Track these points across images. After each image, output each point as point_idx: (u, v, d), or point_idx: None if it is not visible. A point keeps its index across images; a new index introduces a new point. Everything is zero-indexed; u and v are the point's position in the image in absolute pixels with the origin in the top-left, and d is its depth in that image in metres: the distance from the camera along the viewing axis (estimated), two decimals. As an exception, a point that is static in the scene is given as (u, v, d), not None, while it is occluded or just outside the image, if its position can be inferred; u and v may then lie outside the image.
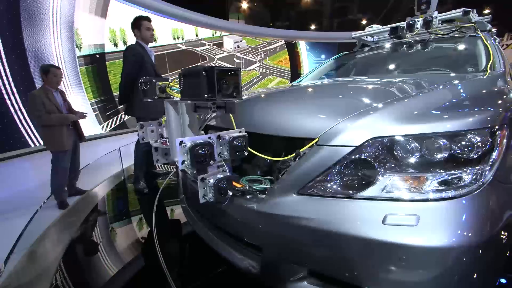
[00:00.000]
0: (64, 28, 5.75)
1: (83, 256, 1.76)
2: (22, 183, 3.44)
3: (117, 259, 1.65)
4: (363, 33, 2.69)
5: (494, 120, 0.79)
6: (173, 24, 8.95)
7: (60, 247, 1.77)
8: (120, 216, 2.38)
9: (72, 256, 1.71)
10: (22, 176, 3.89)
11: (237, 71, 0.74)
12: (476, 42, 1.79)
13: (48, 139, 2.49)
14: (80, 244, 1.88)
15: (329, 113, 0.97)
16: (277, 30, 12.62)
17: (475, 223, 0.68)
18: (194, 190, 1.26)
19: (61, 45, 5.67)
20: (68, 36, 5.86)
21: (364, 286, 0.76)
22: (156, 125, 1.29)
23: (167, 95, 1.13)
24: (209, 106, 0.88)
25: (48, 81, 2.51)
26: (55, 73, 2.53)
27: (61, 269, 1.54)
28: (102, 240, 1.93)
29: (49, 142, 2.48)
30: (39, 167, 3.88)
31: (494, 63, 1.53)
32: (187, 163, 0.82)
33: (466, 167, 0.73)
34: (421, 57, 2.04)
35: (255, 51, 11.86)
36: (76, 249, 1.81)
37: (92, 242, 1.92)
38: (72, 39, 5.95)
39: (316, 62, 12.83)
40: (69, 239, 1.87)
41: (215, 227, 1.20)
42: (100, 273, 1.56)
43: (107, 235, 2.00)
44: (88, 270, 1.61)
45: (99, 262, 1.64)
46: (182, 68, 0.84)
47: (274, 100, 1.31)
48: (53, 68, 2.54)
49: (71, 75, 6.01)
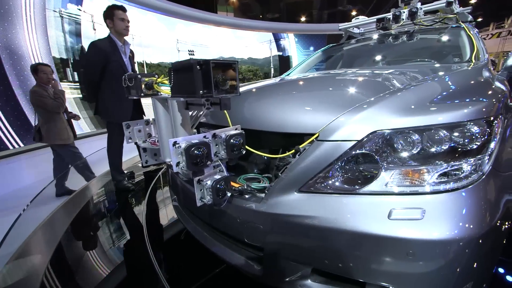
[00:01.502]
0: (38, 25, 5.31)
1: (70, 259, 1.68)
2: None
3: (107, 262, 1.58)
4: (350, 25, 2.69)
5: (491, 110, 0.80)
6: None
7: (48, 250, 1.68)
8: (108, 217, 2.29)
9: (59, 260, 1.62)
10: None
11: (234, 64, 0.69)
12: (460, 33, 1.83)
13: (53, 133, 2.75)
14: (67, 247, 1.79)
15: (327, 107, 0.95)
16: (265, 23, 12.43)
17: (479, 212, 0.69)
18: (187, 190, 1.21)
19: (37, 43, 5.26)
20: (43, 32, 5.43)
21: (370, 282, 0.75)
22: (143, 124, 1.21)
23: (154, 91, 1.05)
24: (203, 103, 0.82)
25: (39, 79, 2.69)
26: (44, 71, 2.70)
27: (49, 272, 1.45)
28: (90, 242, 1.84)
29: (54, 136, 2.75)
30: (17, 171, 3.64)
31: (478, 53, 1.57)
32: (182, 165, 0.76)
33: (468, 158, 0.73)
34: (408, 48, 2.07)
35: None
36: (63, 252, 1.72)
37: (80, 244, 1.83)
38: (46, 34, 5.52)
39: (304, 55, 12.78)
40: (56, 242, 1.78)
41: (211, 228, 1.15)
42: (90, 275, 1.48)
43: (96, 236, 1.92)
44: (76, 273, 1.52)
45: (88, 264, 1.57)
46: (172, 62, 0.78)
47: (269, 94, 1.26)
48: (41, 66, 2.71)
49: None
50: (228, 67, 0.68)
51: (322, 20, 15.49)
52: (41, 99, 2.63)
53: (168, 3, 8.61)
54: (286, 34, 12.58)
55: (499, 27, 13.87)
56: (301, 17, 15.31)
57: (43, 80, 2.69)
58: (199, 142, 0.77)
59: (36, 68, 2.68)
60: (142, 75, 1.04)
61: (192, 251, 1.57)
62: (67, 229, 1.95)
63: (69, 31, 5.90)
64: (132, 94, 1.10)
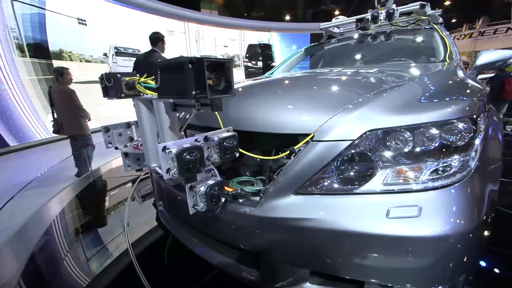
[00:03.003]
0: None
1: (46, 267, 1.53)
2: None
3: (86, 270, 1.46)
4: (330, 24, 2.73)
5: (475, 108, 0.83)
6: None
7: (22, 258, 1.54)
8: (86, 222, 2.15)
9: (34, 269, 1.49)
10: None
11: (228, 62, 0.65)
12: (433, 34, 1.93)
13: (80, 126, 3.29)
14: (44, 255, 1.64)
15: (320, 107, 0.94)
16: (249, 21, 12.31)
17: (472, 206, 0.72)
18: (174, 195, 1.14)
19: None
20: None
21: (369, 281, 0.76)
22: (124, 127, 1.12)
23: (136, 92, 0.98)
24: (193, 104, 0.77)
25: (65, 80, 3.19)
26: (67, 73, 3.21)
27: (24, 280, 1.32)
28: (68, 250, 1.71)
29: (81, 128, 3.30)
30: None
31: (451, 53, 1.66)
32: (173, 172, 0.71)
33: (458, 155, 0.76)
34: (387, 47, 2.14)
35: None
36: (39, 261, 1.58)
37: (56, 253, 1.69)
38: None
39: (288, 53, 12.82)
40: (31, 250, 1.63)
41: (204, 234, 1.10)
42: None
43: (74, 244, 1.78)
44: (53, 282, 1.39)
45: (66, 274, 1.44)
46: (159, 60, 0.71)
47: (261, 94, 1.23)
48: (65, 69, 3.23)
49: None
50: (221, 65, 0.64)
51: (306, 19, 15.70)
52: (75, 97, 3.18)
53: (151, 0, 8.23)
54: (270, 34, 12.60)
55: (471, 28, 14.90)
56: (285, 16, 15.42)
57: (69, 82, 3.23)
58: (191, 146, 0.72)
59: (62, 71, 3.19)
60: (123, 74, 0.96)
61: (180, 259, 1.50)
62: (41, 238, 1.83)
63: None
64: (110, 96, 1.01)
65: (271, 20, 12.97)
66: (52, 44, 6.00)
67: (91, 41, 6.87)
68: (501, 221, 1.65)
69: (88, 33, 6.80)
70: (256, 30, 12.21)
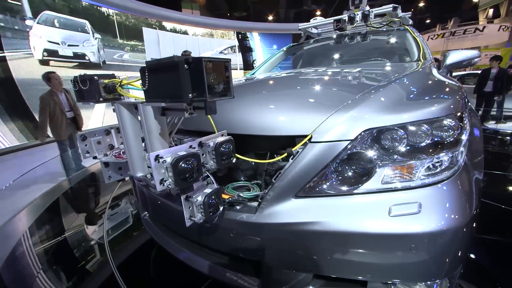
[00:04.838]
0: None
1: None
2: None
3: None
4: (309, 25, 2.77)
5: (459, 105, 0.88)
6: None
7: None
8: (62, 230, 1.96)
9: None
10: None
11: (227, 62, 0.60)
12: (406, 35, 2.03)
13: (53, 132, 3.19)
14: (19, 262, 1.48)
15: (316, 107, 0.92)
16: (231, 22, 12.17)
17: (466, 198, 0.75)
18: (162, 204, 1.06)
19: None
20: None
21: (373, 280, 0.76)
22: (102, 134, 1.02)
23: (117, 95, 0.89)
24: (185, 107, 0.71)
25: (52, 85, 3.06)
26: (56, 78, 3.07)
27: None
28: (44, 260, 1.54)
29: (54, 134, 3.20)
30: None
31: (424, 53, 1.76)
32: (168, 183, 0.64)
33: (450, 150, 0.79)
34: (363, 47, 2.22)
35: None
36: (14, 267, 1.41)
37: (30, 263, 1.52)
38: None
39: (269, 53, 12.84)
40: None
41: (197, 244, 1.04)
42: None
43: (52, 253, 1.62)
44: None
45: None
46: (146, 60, 0.64)
47: (254, 95, 1.19)
48: (52, 74, 3.07)
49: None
50: (220, 65, 0.59)
51: (288, 19, 15.87)
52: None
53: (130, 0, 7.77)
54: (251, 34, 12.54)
55: (444, 28, 16.02)
56: (268, 16, 15.46)
57: (56, 87, 3.08)
58: (187, 154, 0.66)
59: (48, 76, 3.03)
60: (100, 76, 0.86)
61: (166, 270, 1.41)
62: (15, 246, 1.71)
63: None
64: (86, 100, 0.91)
65: (254, 20, 12.98)
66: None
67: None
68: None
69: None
70: (238, 30, 12.11)
